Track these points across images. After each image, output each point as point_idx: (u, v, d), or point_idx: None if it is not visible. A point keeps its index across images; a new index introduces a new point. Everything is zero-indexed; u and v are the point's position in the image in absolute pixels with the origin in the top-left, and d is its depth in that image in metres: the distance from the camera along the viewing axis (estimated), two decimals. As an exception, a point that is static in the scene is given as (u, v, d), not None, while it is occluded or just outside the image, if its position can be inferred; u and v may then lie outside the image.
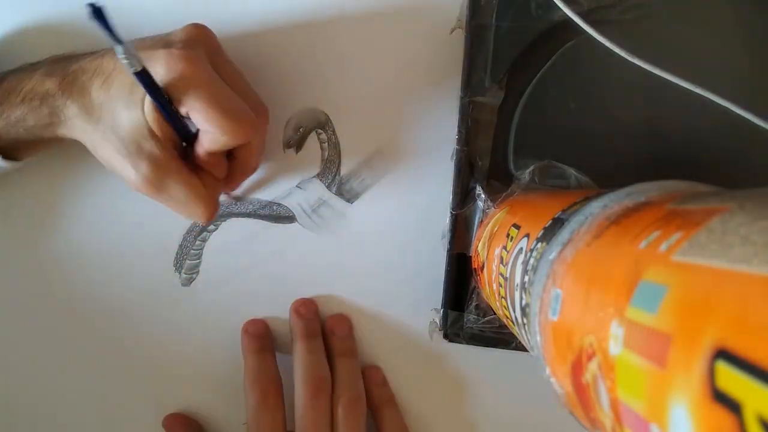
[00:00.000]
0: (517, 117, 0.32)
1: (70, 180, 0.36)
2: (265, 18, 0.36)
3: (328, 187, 0.36)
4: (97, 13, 0.23)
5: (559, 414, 0.19)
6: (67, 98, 0.29)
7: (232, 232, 0.36)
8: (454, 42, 0.34)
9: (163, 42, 0.28)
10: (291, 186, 0.36)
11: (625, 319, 0.14)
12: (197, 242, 0.37)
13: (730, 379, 0.10)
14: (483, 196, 0.32)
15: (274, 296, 0.37)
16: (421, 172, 0.36)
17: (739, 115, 0.28)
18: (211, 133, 0.28)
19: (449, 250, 0.33)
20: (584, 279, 0.17)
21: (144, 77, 0.26)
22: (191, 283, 0.37)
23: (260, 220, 0.37)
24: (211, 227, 0.37)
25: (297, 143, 0.36)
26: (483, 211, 0.32)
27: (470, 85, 0.32)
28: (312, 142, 0.36)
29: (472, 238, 0.33)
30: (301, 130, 0.36)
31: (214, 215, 0.32)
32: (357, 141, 0.36)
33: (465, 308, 0.33)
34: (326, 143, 0.36)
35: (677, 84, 0.28)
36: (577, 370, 0.16)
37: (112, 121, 0.28)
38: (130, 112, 0.27)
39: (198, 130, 0.29)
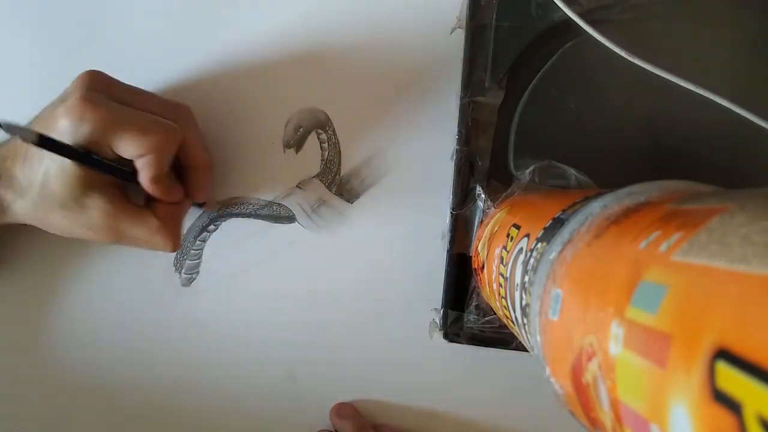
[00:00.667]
0: (517, 117, 0.32)
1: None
2: (266, 19, 0.36)
3: (328, 187, 0.36)
4: None
5: (559, 414, 0.19)
6: None
7: (232, 232, 0.37)
8: (454, 42, 0.34)
9: (60, 100, 0.29)
10: (291, 186, 0.36)
11: (625, 320, 0.14)
12: (197, 242, 0.37)
13: (731, 379, 0.10)
14: (483, 196, 0.32)
15: (274, 296, 0.37)
16: (421, 172, 0.36)
17: (739, 114, 0.28)
18: (141, 157, 0.29)
19: (449, 250, 0.33)
20: (584, 279, 0.17)
21: (47, 143, 0.26)
22: (191, 283, 0.37)
23: (260, 220, 0.37)
24: (212, 227, 0.37)
25: (297, 143, 0.36)
26: (483, 211, 0.32)
27: (470, 85, 0.32)
28: (312, 142, 0.36)
29: (472, 238, 0.33)
30: (301, 130, 0.36)
31: (179, 243, 0.32)
32: (357, 141, 0.36)
33: (465, 308, 0.33)
34: (326, 143, 0.36)
35: (677, 84, 0.28)
36: (577, 370, 0.16)
37: (46, 193, 0.29)
38: (57, 177, 0.28)
39: (133, 166, 0.30)
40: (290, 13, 0.35)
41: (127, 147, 0.28)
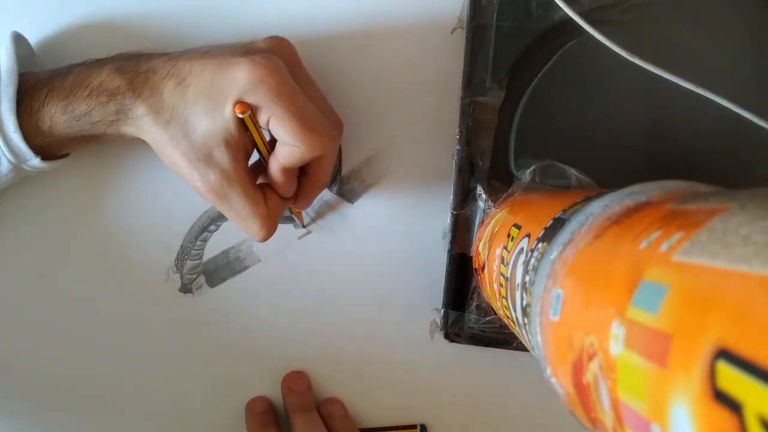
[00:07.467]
0: (517, 117, 0.32)
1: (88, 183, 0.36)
2: (266, 19, 0.36)
3: (329, 187, 0.36)
4: None
5: (560, 414, 0.19)
6: (137, 97, 0.28)
7: (232, 233, 0.37)
8: (454, 42, 0.34)
9: (243, 50, 0.28)
10: (292, 186, 0.36)
11: (626, 319, 0.14)
12: (198, 242, 0.37)
13: (731, 379, 0.10)
14: (484, 196, 0.32)
15: (274, 296, 0.37)
16: (422, 172, 0.36)
17: (739, 114, 0.28)
18: (289, 146, 0.28)
19: (450, 250, 0.33)
20: (585, 279, 0.17)
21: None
22: (192, 283, 0.37)
23: (261, 220, 0.37)
24: (212, 227, 0.37)
25: (298, 143, 0.36)
26: (484, 211, 0.32)
27: (471, 86, 0.32)
28: (313, 142, 0.36)
29: (472, 238, 0.33)
30: (302, 130, 0.36)
31: (270, 235, 0.31)
32: (358, 141, 0.36)
33: (466, 308, 0.33)
34: (327, 143, 0.36)
35: (677, 84, 0.28)
36: (578, 370, 0.16)
37: (184, 125, 0.28)
38: (207, 118, 0.27)
39: (273, 144, 0.29)
40: (290, 14, 0.35)
41: (288, 133, 0.27)
